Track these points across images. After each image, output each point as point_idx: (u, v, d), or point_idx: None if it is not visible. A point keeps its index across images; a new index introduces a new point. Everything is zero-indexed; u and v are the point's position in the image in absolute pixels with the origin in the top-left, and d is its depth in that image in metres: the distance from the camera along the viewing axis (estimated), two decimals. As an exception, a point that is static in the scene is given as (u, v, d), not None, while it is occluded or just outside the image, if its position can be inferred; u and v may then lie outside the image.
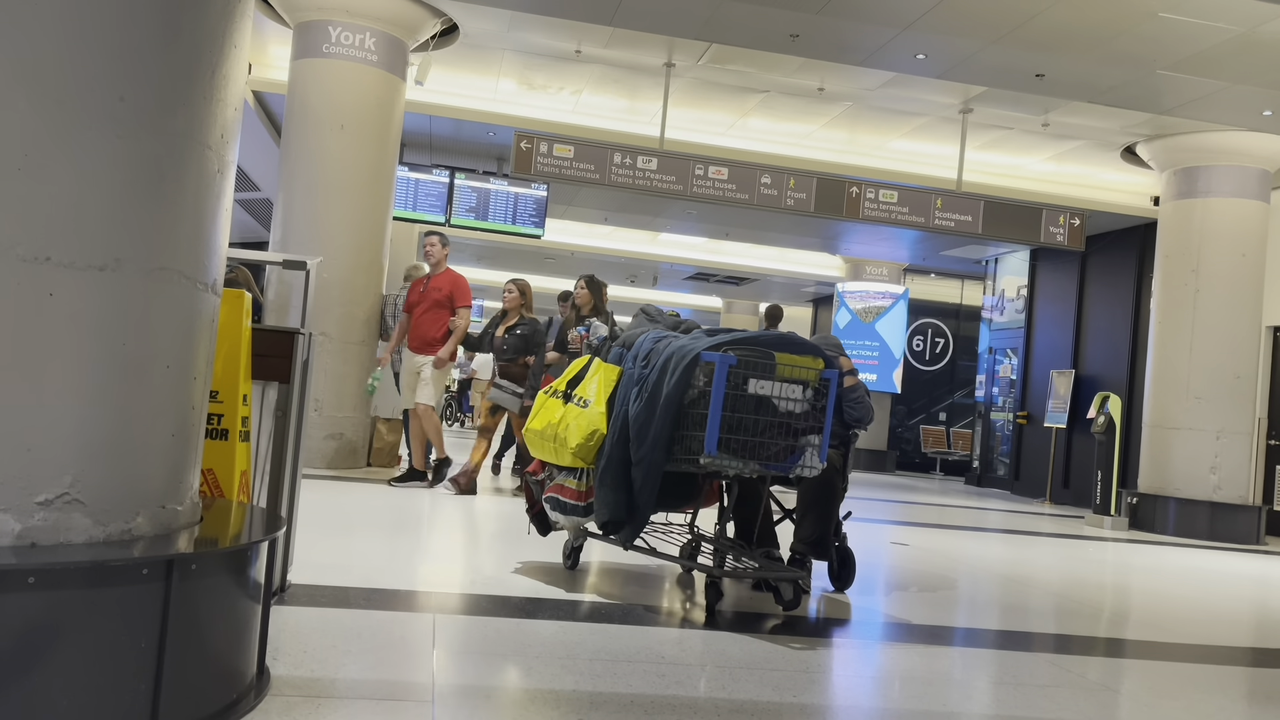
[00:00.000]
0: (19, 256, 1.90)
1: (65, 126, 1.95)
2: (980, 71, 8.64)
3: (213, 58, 2.21)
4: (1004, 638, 4.11)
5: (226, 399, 3.01)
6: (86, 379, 2.00)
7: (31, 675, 1.78)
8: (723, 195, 9.92)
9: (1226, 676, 3.80)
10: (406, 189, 11.09)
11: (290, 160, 8.38)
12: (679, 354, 3.77)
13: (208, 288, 2.27)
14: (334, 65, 8.23)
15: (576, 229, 16.38)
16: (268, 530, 2.47)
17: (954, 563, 6.20)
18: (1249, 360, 10.01)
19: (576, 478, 4.10)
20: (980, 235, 10.65)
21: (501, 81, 10.26)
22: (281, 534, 2.70)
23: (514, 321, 7.42)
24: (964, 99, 9.63)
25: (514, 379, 7.17)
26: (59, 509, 1.95)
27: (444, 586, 4.00)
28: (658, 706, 2.59)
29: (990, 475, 15.52)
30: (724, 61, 9.16)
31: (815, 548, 4.32)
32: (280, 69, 9.55)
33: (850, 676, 3.18)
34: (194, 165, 2.17)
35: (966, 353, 19.05)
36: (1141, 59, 8.03)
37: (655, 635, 3.43)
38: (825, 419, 3.82)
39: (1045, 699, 3.06)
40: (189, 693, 2.04)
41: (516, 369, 7.19)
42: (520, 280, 7.61)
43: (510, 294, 7.51)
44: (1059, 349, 14.00)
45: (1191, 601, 5.58)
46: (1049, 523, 10.18)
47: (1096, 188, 12.08)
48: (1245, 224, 9.98)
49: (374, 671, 2.67)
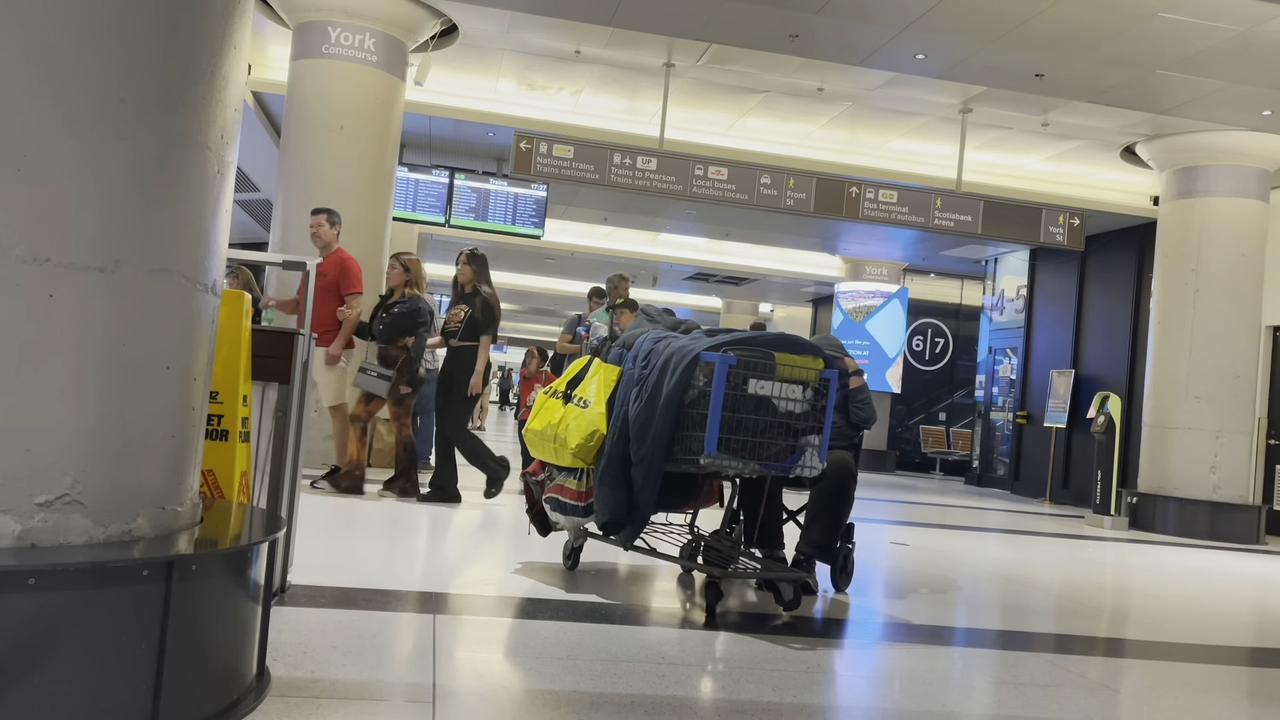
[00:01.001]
0: (19, 257, 1.90)
1: (65, 127, 1.95)
2: (979, 71, 8.64)
3: (212, 58, 2.21)
4: (1004, 638, 4.11)
5: (226, 400, 3.01)
6: (86, 380, 2.00)
7: (32, 676, 1.78)
8: (722, 195, 9.93)
9: (1227, 676, 3.80)
10: (406, 189, 11.09)
11: (290, 161, 8.39)
12: (679, 354, 3.77)
13: (208, 288, 2.27)
14: (333, 66, 8.23)
15: (576, 229, 16.39)
16: (268, 531, 2.46)
17: (954, 563, 6.20)
18: (1249, 360, 10.01)
19: (576, 478, 4.10)
20: (980, 235, 10.65)
21: (501, 82, 10.27)
22: (281, 535, 2.70)
23: (394, 300, 6.70)
24: (963, 99, 9.63)
25: (389, 363, 6.49)
26: (59, 510, 1.95)
27: (444, 587, 4.00)
28: (658, 707, 2.59)
29: (990, 475, 15.52)
30: (723, 62, 9.17)
31: (823, 551, 4.32)
32: (280, 70, 9.55)
33: (851, 677, 3.18)
34: (194, 166, 2.17)
35: (966, 353, 19.05)
36: (1141, 59, 8.03)
37: (656, 635, 3.43)
38: (825, 419, 3.82)
39: (1046, 699, 3.06)
40: (189, 693, 2.04)
41: (395, 351, 6.51)
42: (406, 256, 6.83)
43: (394, 270, 6.79)
44: (1059, 349, 14.01)
45: (1191, 601, 5.58)
46: (1049, 523, 10.18)
47: (1096, 187, 12.09)
48: (1245, 224, 9.99)
49: (374, 672, 2.67)
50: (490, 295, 6.61)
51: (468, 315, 6.57)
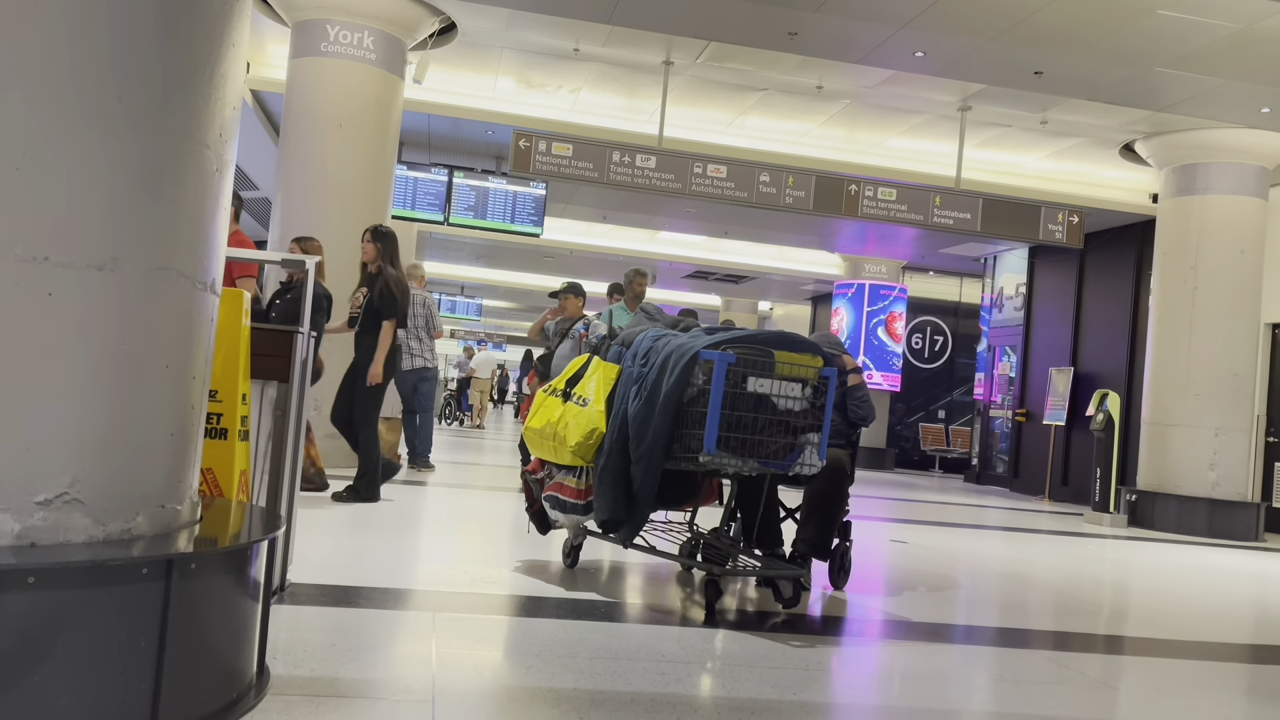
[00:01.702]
0: (17, 256, 1.89)
1: (63, 126, 1.95)
2: (979, 69, 8.63)
3: (211, 57, 2.21)
4: (1003, 635, 4.12)
5: (226, 398, 3.01)
6: (85, 379, 2.00)
7: (31, 674, 1.78)
8: (721, 193, 9.92)
9: (1226, 673, 3.80)
10: (405, 188, 11.09)
11: (288, 159, 8.38)
12: (678, 352, 3.77)
13: (206, 287, 2.27)
14: (332, 64, 8.22)
15: (575, 227, 16.38)
16: (267, 529, 2.46)
17: (953, 560, 6.20)
18: (1247, 357, 10.02)
19: (576, 476, 4.10)
20: (979, 233, 10.64)
21: (500, 80, 10.26)
22: (281, 533, 2.70)
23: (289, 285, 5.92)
24: (962, 96, 9.63)
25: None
26: (58, 509, 1.95)
27: (443, 585, 4.00)
28: (658, 704, 2.60)
29: (989, 473, 15.52)
30: (722, 59, 9.16)
31: (818, 549, 4.32)
32: (279, 68, 9.54)
33: (850, 674, 3.18)
34: (193, 165, 2.17)
35: (965, 350, 19.05)
36: (1140, 56, 8.03)
37: (655, 633, 3.43)
38: (824, 417, 3.82)
39: (1045, 696, 3.07)
40: (189, 692, 2.04)
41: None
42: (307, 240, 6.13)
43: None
44: (1058, 346, 14.01)
45: (1190, 598, 5.59)
46: (1048, 520, 10.19)
47: (1095, 185, 12.09)
48: (1244, 221, 9.99)
49: (374, 670, 2.67)
50: (395, 278, 6.10)
51: (366, 299, 6.09)
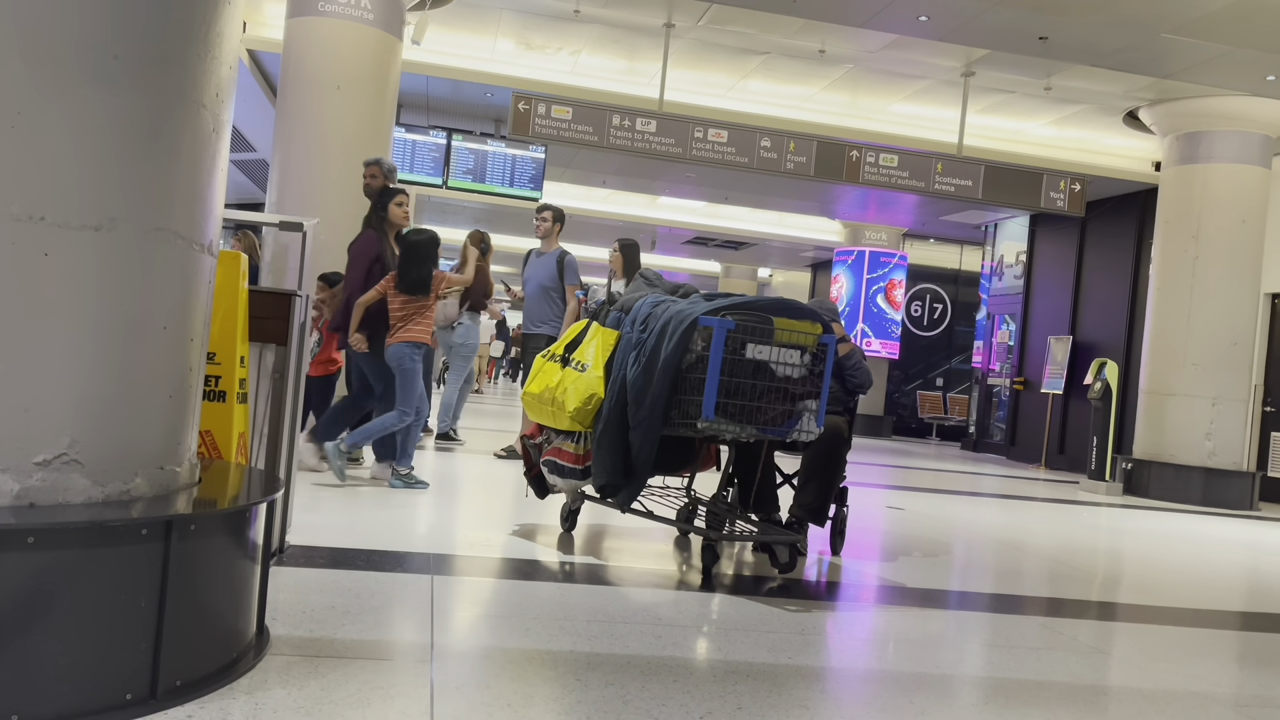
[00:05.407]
0: (13, 216, 1.88)
1: (59, 84, 1.93)
2: (983, 34, 8.55)
3: (207, 14, 2.18)
4: (997, 601, 4.15)
5: (224, 361, 3.01)
6: (83, 340, 1.99)
7: (31, 635, 1.79)
8: (722, 158, 9.86)
9: (1217, 640, 3.84)
10: (403, 150, 11.01)
11: (286, 121, 8.31)
12: (677, 318, 3.76)
13: (204, 248, 2.26)
14: (330, 24, 8.13)
15: (574, 192, 16.29)
16: (266, 491, 2.47)
17: (949, 527, 6.23)
18: (1247, 327, 10.01)
19: (574, 441, 4.11)
20: (980, 200, 10.60)
21: (499, 41, 10.15)
22: (280, 495, 2.71)
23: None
24: (966, 62, 9.54)
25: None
26: (57, 469, 1.95)
27: (442, 548, 4.02)
28: (654, 667, 2.62)
29: (986, 441, 15.58)
30: (724, 22, 9.06)
31: (815, 514, 4.35)
32: (275, 27, 9.44)
33: (845, 639, 3.21)
34: (189, 124, 2.15)
35: (964, 318, 19.04)
36: (1146, 22, 7.94)
37: (652, 597, 3.46)
38: (823, 384, 3.82)
39: (1037, 661, 3.10)
40: (188, 652, 2.06)
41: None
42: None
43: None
44: (1057, 315, 14.00)
45: (1184, 566, 5.63)
46: (1044, 488, 10.24)
47: (1098, 153, 12.02)
48: (1246, 190, 9.94)
49: (372, 632, 2.69)
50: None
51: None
